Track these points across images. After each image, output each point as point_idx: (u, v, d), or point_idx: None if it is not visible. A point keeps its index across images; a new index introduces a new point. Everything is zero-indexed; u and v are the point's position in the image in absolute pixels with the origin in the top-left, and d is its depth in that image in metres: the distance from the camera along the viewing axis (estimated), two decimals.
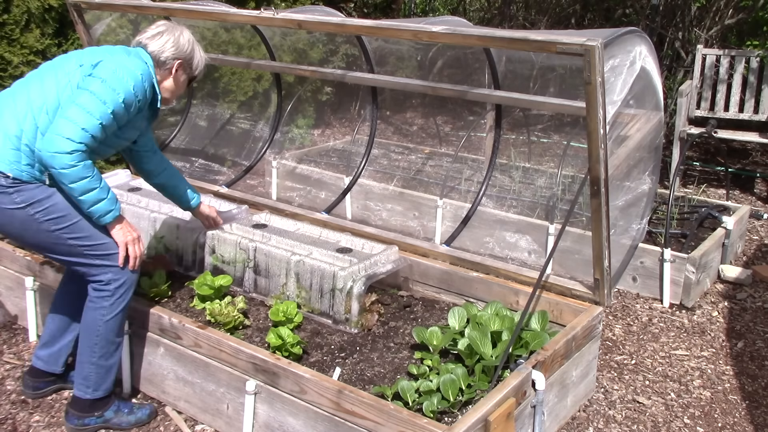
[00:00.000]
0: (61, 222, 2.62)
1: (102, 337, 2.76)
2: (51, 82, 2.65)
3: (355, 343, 3.18)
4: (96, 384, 2.80)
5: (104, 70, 2.61)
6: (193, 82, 3.04)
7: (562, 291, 3.22)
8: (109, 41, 4.93)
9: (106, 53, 2.71)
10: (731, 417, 3.10)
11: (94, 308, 2.75)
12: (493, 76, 3.96)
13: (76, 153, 2.50)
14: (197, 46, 2.93)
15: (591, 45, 2.50)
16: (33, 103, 2.61)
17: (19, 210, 2.57)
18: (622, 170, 3.32)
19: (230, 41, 5.95)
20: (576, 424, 3.00)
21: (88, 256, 2.69)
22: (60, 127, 2.50)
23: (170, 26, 2.88)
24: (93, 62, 2.65)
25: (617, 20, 8.09)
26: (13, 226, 2.63)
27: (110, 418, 2.85)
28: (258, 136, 5.69)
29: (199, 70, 2.95)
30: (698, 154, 7.34)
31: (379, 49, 4.62)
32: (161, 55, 2.80)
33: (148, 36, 2.83)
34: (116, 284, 2.74)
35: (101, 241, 2.70)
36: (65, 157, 2.48)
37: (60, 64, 2.72)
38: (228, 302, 3.28)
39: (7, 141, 2.57)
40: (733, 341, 3.72)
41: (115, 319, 2.77)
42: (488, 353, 2.88)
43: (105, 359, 2.80)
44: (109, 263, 2.72)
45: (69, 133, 2.49)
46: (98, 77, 2.59)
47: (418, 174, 5.75)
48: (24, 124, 2.59)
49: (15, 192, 2.55)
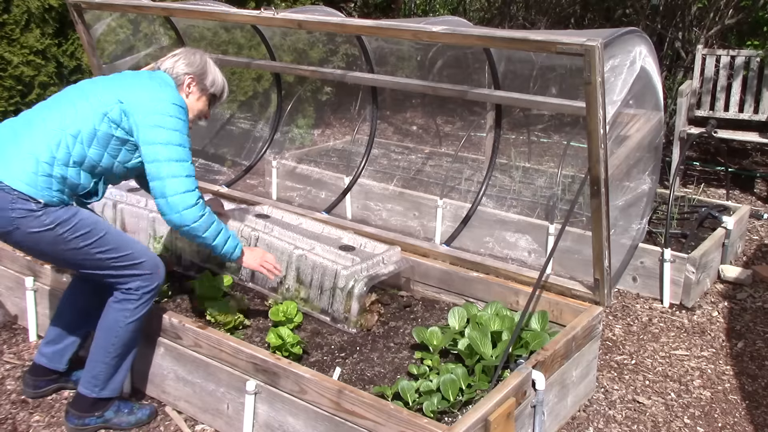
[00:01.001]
0: (89, 237, 2.64)
1: (120, 338, 2.78)
2: (85, 109, 2.65)
3: (355, 343, 3.18)
4: (104, 383, 2.81)
5: (160, 117, 2.65)
6: (215, 104, 3.05)
7: (562, 291, 3.22)
8: (109, 41, 4.94)
9: (141, 87, 2.72)
10: (731, 417, 3.10)
11: (117, 309, 2.77)
12: (493, 76, 3.96)
13: (199, 201, 2.67)
14: (212, 66, 2.97)
15: (591, 45, 2.50)
16: (66, 129, 2.61)
17: (47, 231, 2.57)
18: (622, 170, 3.32)
19: (230, 41, 5.95)
20: (576, 424, 3.00)
21: (116, 268, 2.72)
22: (169, 188, 2.61)
23: (186, 49, 2.98)
24: (136, 103, 2.66)
25: (617, 20, 8.09)
26: (40, 247, 2.63)
27: (110, 418, 2.85)
28: (258, 135, 5.69)
29: (217, 88, 2.97)
30: (698, 154, 7.34)
31: (379, 49, 4.62)
32: (173, 71, 2.87)
33: (163, 59, 2.94)
34: (144, 290, 2.77)
35: (127, 252, 2.73)
36: (194, 210, 2.65)
37: (92, 92, 2.71)
38: (228, 302, 3.28)
39: (38, 167, 2.55)
40: (733, 341, 3.72)
41: (136, 322, 2.79)
42: (488, 353, 2.88)
43: (119, 360, 2.81)
44: (137, 272, 2.75)
45: (183, 187, 2.63)
46: (163, 127, 2.65)
47: (418, 174, 5.75)
48: (57, 151, 2.58)
49: (44, 214, 2.55)
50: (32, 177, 2.53)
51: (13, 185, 2.51)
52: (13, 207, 2.51)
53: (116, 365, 2.82)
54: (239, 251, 2.88)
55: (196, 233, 2.69)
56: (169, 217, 2.65)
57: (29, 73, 4.85)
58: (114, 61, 4.79)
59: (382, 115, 7.90)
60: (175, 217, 2.64)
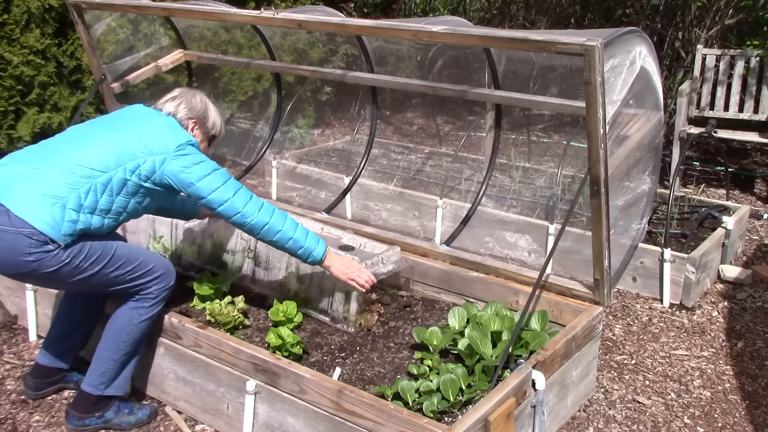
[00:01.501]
0: (102, 260, 2.66)
1: (132, 336, 2.80)
2: (115, 157, 2.66)
3: (355, 343, 3.18)
4: (111, 381, 2.82)
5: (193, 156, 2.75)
6: (213, 143, 3.13)
7: (562, 291, 3.22)
8: (109, 41, 4.94)
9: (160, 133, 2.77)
10: (731, 417, 3.10)
11: (132, 307, 2.79)
12: (493, 76, 3.96)
13: (264, 202, 2.80)
14: (212, 107, 3.06)
15: (591, 45, 2.50)
16: (97, 178, 2.62)
17: (64, 266, 2.58)
18: (622, 170, 3.32)
19: (230, 41, 5.95)
20: (576, 424, 3.00)
21: (132, 280, 2.75)
22: (237, 203, 2.73)
23: (183, 91, 3.01)
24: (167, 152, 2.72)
25: (617, 20, 8.09)
26: (59, 280, 2.64)
27: (111, 419, 2.85)
28: (258, 135, 5.69)
29: (216, 129, 3.07)
30: (698, 154, 7.34)
31: (379, 49, 4.62)
32: (176, 116, 2.91)
33: (162, 101, 2.96)
34: (160, 289, 2.82)
35: (138, 261, 2.76)
36: (262, 215, 2.77)
37: (121, 138, 2.72)
38: (228, 302, 3.28)
39: (64, 212, 2.54)
40: (733, 341, 3.72)
41: (148, 320, 2.83)
42: (488, 353, 2.88)
43: (127, 358, 2.83)
44: (151, 277, 2.79)
45: (242, 202, 2.74)
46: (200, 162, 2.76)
47: (418, 174, 5.75)
48: (85, 199, 2.59)
49: (58, 252, 2.55)
50: (58, 222, 2.53)
51: (36, 225, 2.49)
52: (31, 251, 2.50)
53: (124, 363, 2.83)
54: (324, 247, 2.93)
55: (277, 228, 2.79)
56: (249, 224, 2.76)
57: (29, 73, 4.85)
58: (114, 61, 4.79)
59: (382, 115, 7.91)
60: (254, 221, 2.76)
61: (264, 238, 2.82)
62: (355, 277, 2.99)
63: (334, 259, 2.98)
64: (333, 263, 2.97)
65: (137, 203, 2.77)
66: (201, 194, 2.74)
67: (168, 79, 5.46)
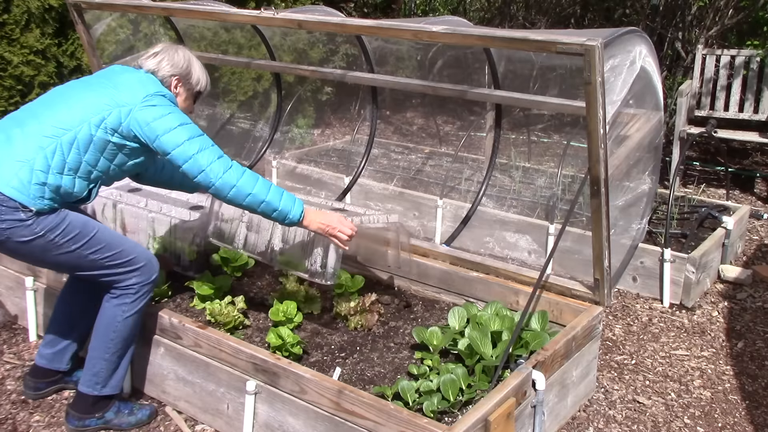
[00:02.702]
0: (80, 239, 2.63)
1: (119, 333, 2.78)
2: (81, 114, 2.62)
3: (355, 343, 3.18)
4: (105, 380, 2.81)
5: (163, 108, 2.66)
6: (199, 99, 3.05)
7: (562, 291, 3.22)
8: (109, 41, 4.94)
9: (135, 87, 2.70)
10: (731, 417, 3.10)
11: (115, 305, 2.76)
12: (493, 76, 3.96)
13: (233, 163, 2.67)
14: (196, 62, 2.95)
15: (591, 45, 2.50)
16: (61, 136, 2.59)
17: (38, 239, 2.56)
18: (622, 170, 3.32)
19: (230, 41, 5.96)
20: (576, 424, 3.00)
21: (111, 267, 2.71)
22: (203, 160, 2.61)
23: (166, 47, 2.91)
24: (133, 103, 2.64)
25: (617, 20, 8.09)
26: (34, 254, 2.63)
27: (111, 419, 2.85)
28: (258, 135, 5.70)
29: (202, 85, 2.97)
30: (698, 154, 7.34)
31: (379, 49, 4.62)
32: (158, 73, 2.82)
33: (144, 57, 2.88)
34: (141, 283, 2.77)
35: (119, 249, 2.72)
36: (233, 170, 2.65)
37: (87, 94, 2.69)
38: (228, 302, 3.29)
39: (32, 175, 2.53)
40: (733, 341, 3.72)
41: (134, 316, 2.79)
42: (488, 353, 2.88)
43: (118, 356, 2.81)
44: (131, 267, 2.75)
45: (214, 155, 2.64)
46: (170, 113, 2.66)
47: (418, 174, 5.75)
48: (52, 159, 2.57)
49: (33, 223, 2.54)
50: (25, 185, 2.51)
51: (4, 191, 2.48)
52: (3, 218, 2.49)
53: (116, 361, 2.82)
54: (301, 207, 2.80)
55: (246, 191, 2.66)
56: (214, 186, 2.63)
57: (29, 73, 4.85)
58: (114, 61, 4.79)
59: (382, 115, 7.91)
60: (219, 183, 2.62)
61: (233, 201, 2.69)
62: (336, 233, 2.86)
63: (313, 217, 2.85)
64: (312, 221, 2.84)
65: (107, 161, 2.68)
66: (165, 149, 2.63)
67: None
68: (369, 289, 3.62)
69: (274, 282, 3.76)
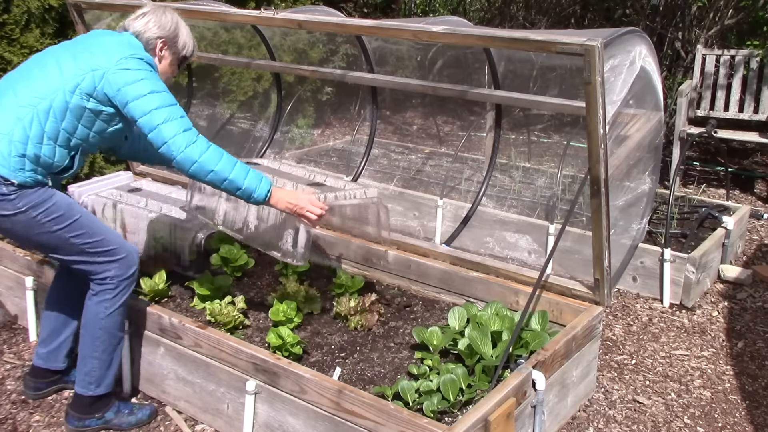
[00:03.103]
0: (62, 221, 2.61)
1: (105, 330, 2.76)
2: (56, 81, 2.59)
3: (355, 343, 3.18)
4: (98, 379, 2.79)
5: (137, 73, 2.60)
6: (184, 64, 2.96)
7: (562, 291, 3.22)
8: None
9: (111, 50, 2.64)
10: (731, 417, 3.10)
11: (96, 302, 2.74)
12: (493, 76, 3.96)
13: (199, 136, 2.58)
14: (183, 26, 2.87)
15: (591, 45, 2.51)
16: (37, 105, 2.57)
17: (21, 214, 2.56)
18: (622, 170, 3.32)
19: (230, 41, 5.95)
20: (576, 424, 3.00)
21: (89, 254, 2.68)
22: (167, 131, 2.55)
23: (154, 7, 2.84)
24: (108, 67, 2.59)
25: (617, 20, 8.09)
26: (15, 230, 2.62)
27: (111, 419, 2.85)
28: (258, 135, 5.69)
29: (188, 50, 2.89)
30: (698, 154, 7.34)
31: (379, 49, 4.62)
32: (144, 35, 2.76)
33: (133, 17, 2.81)
34: (120, 278, 2.74)
35: (100, 237, 2.69)
36: (197, 145, 2.57)
37: (62, 60, 2.65)
38: (228, 302, 3.29)
39: (11, 147, 2.52)
40: (733, 341, 3.72)
41: (117, 311, 2.77)
42: (488, 353, 2.88)
43: (108, 353, 2.79)
44: (110, 258, 2.71)
45: (180, 128, 2.56)
46: (143, 79, 2.59)
47: (418, 174, 5.75)
48: (30, 129, 2.55)
49: (17, 197, 2.54)
50: (5, 158, 2.50)
51: None
52: None
53: (107, 359, 2.79)
54: (267, 186, 2.73)
55: (209, 167, 2.59)
56: (176, 159, 2.57)
57: None
58: None
59: (382, 115, 7.90)
60: (180, 157, 2.56)
61: (196, 177, 2.62)
62: (305, 212, 2.80)
63: (281, 196, 2.78)
64: (279, 200, 2.77)
65: (86, 128, 2.65)
66: (133, 116, 2.58)
67: None
68: (369, 289, 3.62)
69: (274, 282, 3.76)
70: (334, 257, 3.95)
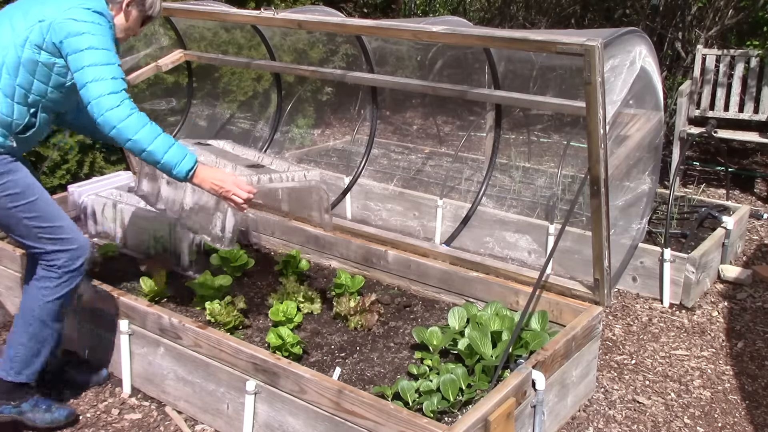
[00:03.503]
0: (18, 199, 2.57)
1: (38, 317, 2.70)
2: (6, 37, 2.55)
3: (355, 343, 3.18)
4: (20, 366, 2.73)
5: (82, 24, 2.52)
6: (147, 24, 2.89)
7: (562, 291, 3.22)
8: None
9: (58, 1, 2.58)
10: (731, 417, 3.10)
11: (37, 287, 2.69)
12: (493, 76, 3.96)
13: (124, 101, 2.49)
14: None
15: (591, 45, 2.51)
16: None
17: None
18: (621, 170, 3.32)
19: (230, 41, 5.95)
20: (576, 424, 3.00)
21: (41, 240, 2.64)
22: (92, 92, 2.47)
23: None
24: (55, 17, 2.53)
25: (617, 20, 8.09)
26: None
27: (25, 411, 2.77)
28: (258, 136, 5.69)
29: (154, 10, 2.82)
30: (698, 154, 7.34)
31: (379, 49, 4.61)
32: None
33: None
34: (66, 269, 2.68)
35: (54, 224, 2.65)
36: (118, 110, 2.47)
37: (13, 15, 2.60)
38: (228, 302, 3.29)
39: None
40: (733, 341, 3.72)
41: (55, 302, 2.71)
42: (488, 353, 2.88)
43: (36, 342, 2.73)
44: (62, 247, 2.66)
45: (106, 89, 2.47)
46: (86, 32, 2.51)
47: (418, 174, 5.75)
48: None
49: None
50: None
51: None
52: None
53: (34, 348, 2.73)
54: (191, 163, 2.61)
55: (126, 135, 2.49)
56: (97, 122, 2.49)
57: None
58: None
59: (382, 115, 7.91)
60: (101, 120, 2.48)
61: (115, 143, 2.55)
62: (231, 196, 2.69)
63: (207, 175, 2.66)
64: (204, 180, 2.66)
65: (42, 83, 2.59)
66: (72, 68, 2.51)
67: (168, 79, 5.46)
68: (369, 289, 3.62)
69: (274, 282, 3.76)
70: (334, 257, 3.95)
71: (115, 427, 2.89)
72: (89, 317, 3.20)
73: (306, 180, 3.06)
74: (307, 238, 4.06)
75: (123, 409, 3.00)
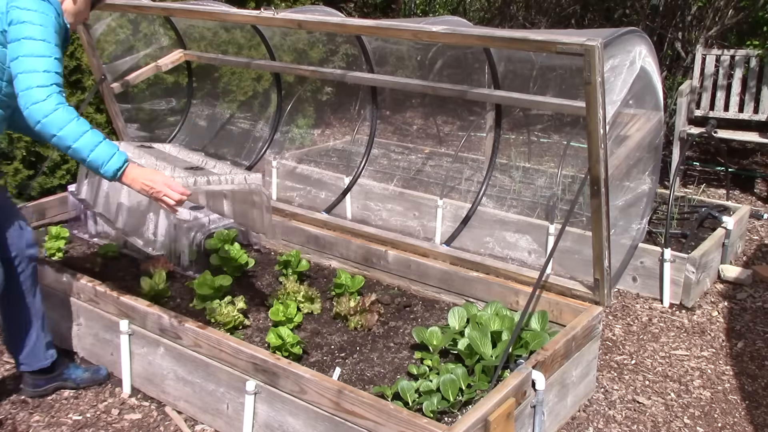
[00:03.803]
0: None
1: None
2: None
3: (355, 343, 3.18)
4: None
5: (20, 12, 2.46)
6: (95, 6, 2.86)
7: (562, 291, 3.22)
8: (109, 41, 4.93)
9: None
10: (731, 417, 3.10)
11: None
12: (493, 76, 3.96)
13: (52, 95, 2.40)
14: None
15: (591, 45, 2.51)
16: None
17: None
18: (622, 170, 3.32)
19: (230, 41, 5.95)
20: (576, 424, 3.00)
21: None
22: (21, 83, 2.40)
23: None
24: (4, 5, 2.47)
25: (617, 20, 8.09)
26: None
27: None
28: (258, 135, 5.69)
29: None
30: (698, 154, 7.34)
31: (379, 49, 4.61)
32: None
33: None
34: None
35: None
36: (44, 104, 2.38)
37: None
38: (228, 302, 3.29)
39: None
40: (733, 341, 3.72)
41: None
42: (488, 353, 2.88)
43: None
44: None
45: (35, 82, 2.38)
46: (22, 21, 2.44)
47: (418, 174, 5.75)
48: None
49: None
50: None
51: None
52: None
53: None
54: (119, 162, 2.51)
55: (51, 131, 2.40)
56: (25, 115, 2.41)
57: None
58: (114, 61, 4.79)
59: (382, 115, 7.90)
60: (27, 113, 2.40)
61: (41, 138, 2.47)
62: (162, 197, 2.56)
63: (137, 174, 2.55)
64: (135, 180, 2.54)
65: None
66: (9, 56, 2.44)
67: (168, 79, 5.46)
68: (369, 289, 3.62)
69: (274, 282, 3.76)
70: (334, 257, 3.95)
71: (115, 427, 2.89)
72: (88, 317, 3.20)
73: (246, 183, 2.95)
74: (307, 238, 4.06)
75: (123, 409, 3.00)
